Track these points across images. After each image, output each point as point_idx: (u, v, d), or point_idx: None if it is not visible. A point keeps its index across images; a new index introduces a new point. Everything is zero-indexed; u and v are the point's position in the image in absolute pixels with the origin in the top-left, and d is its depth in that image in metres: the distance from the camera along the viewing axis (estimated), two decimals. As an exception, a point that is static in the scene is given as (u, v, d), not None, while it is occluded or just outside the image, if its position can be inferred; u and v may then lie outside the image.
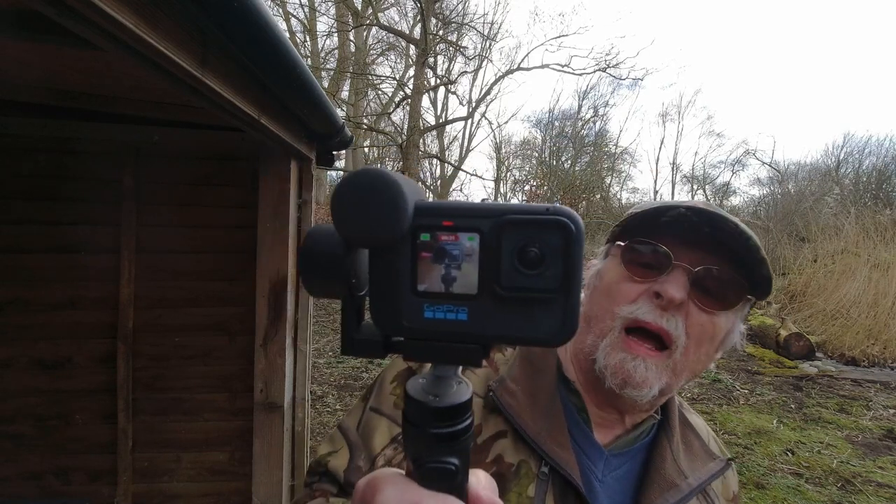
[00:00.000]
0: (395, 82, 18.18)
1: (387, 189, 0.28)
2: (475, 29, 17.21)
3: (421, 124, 15.00)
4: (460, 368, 0.33)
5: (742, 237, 0.62)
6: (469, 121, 21.28)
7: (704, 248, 0.64)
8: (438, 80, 18.18)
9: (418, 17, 13.97)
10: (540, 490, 0.61)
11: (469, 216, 0.30)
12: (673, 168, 25.33)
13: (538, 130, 25.13)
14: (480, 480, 0.32)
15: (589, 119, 24.28)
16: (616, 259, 0.69)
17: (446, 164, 21.24)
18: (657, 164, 26.32)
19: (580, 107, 24.48)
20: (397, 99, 17.21)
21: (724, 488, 0.74)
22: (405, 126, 14.92)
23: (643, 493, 0.65)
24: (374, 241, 0.29)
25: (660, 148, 32.52)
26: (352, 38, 15.75)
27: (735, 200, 24.48)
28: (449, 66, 19.44)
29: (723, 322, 0.66)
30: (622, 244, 0.68)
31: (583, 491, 0.61)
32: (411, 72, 17.05)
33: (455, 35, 17.06)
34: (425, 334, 0.30)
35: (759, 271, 0.64)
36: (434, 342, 0.31)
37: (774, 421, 4.64)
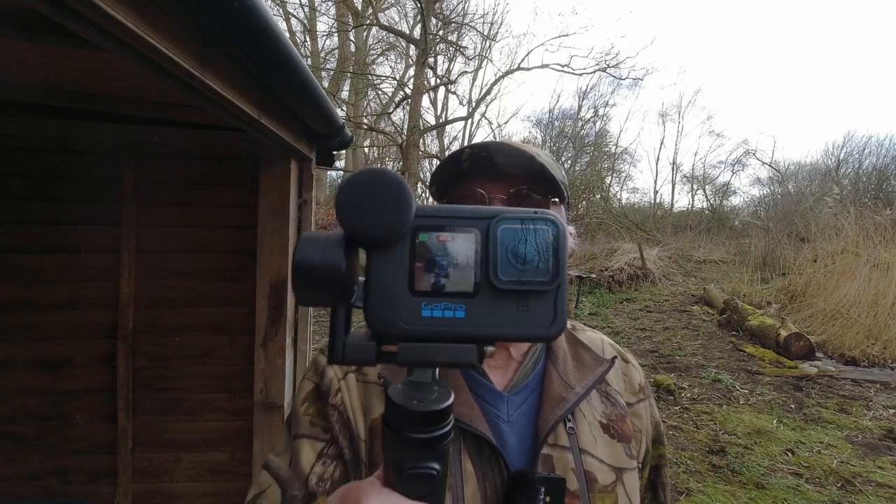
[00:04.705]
0: (395, 82, 18.19)
1: (398, 188, 0.29)
2: (475, 29, 17.21)
3: (421, 124, 14.99)
4: (437, 372, 0.33)
5: (523, 156, 0.70)
6: (469, 121, 21.26)
7: (504, 176, 0.71)
8: (438, 80, 18.18)
9: (418, 17, 13.97)
10: (454, 450, 0.65)
11: (466, 217, 0.32)
12: (673, 168, 25.31)
13: (538, 130, 25.11)
14: None
15: (589, 119, 24.28)
16: None
17: (446, 164, 21.14)
18: (657, 164, 26.39)
19: (580, 107, 24.47)
20: (397, 99, 17.20)
21: (626, 384, 0.82)
22: (405, 126, 14.91)
23: (539, 417, 0.70)
24: (379, 238, 0.30)
25: (660, 148, 32.64)
26: (352, 38, 15.74)
27: (735, 200, 24.49)
28: (449, 66, 19.44)
29: None
30: (446, 200, 0.78)
31: (490, 437, 0.66)
32: (411, 72, 17.05)
33: (455, 35, 17.06)
34: (422, 335, 0.31)
35: (545, 177, 0.72)
36: (430, 343, 0.31)
37: (774, 421, 4.63)
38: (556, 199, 0.75)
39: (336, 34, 15.92)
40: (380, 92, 18.51)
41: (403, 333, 0.31)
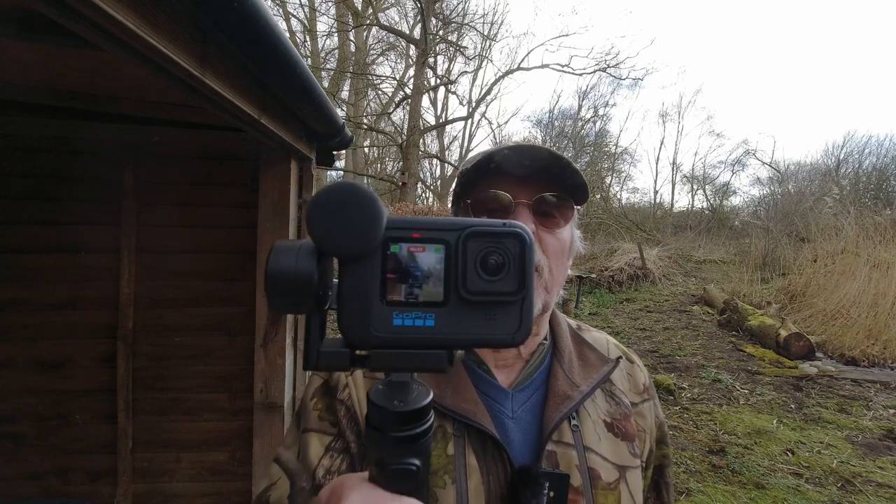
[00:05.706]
0: (395, 82, 18.19)
1: (368, 202, 0.30)
2: (475, 29, 17.21)
3: (421, 124, 15.00)
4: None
5: (556, 160, 0.70)
6: (469, 121, 21.28)
7: (532, 179, 0.71)
8: (438, 80, 18.19)
9: (418, 17, 13.97)
10: (458, 445, 0.67)
11: (435, 229, 0.33)
12: (673, 168, 25.29)
13: (538, 130, 25.09)
14: None
15: (589, 119, 24.28)
16: (469, 214, 0.76)
17: (446, 164, 21.24)
18: (657, 164, 26.34)
19: (580, 107, 24.48)
20: (397, 99, 17.21)
21: (631, 385, 0.82)
22: (405, 126, 14.92)
23: (545, 414, 0.71)
24: (351, 250, 0.31)
25: (660, 148, 32.61)
26: (352, 38, 15.74)
27: (735, 200, 24.48)
28: (449, 66, 19.45)
29: (566, 235, 0.75)
30: (469, 200, 0.76)
31: (493, 432, 0.67)
32: (411, 72, 17.05)
33: (455, 35, 17.06)
34: (393, 342, 0.32)
35: (574, 181, 0.72)
36: (401, 350, 0.32)
37: (774, 421, 4.63)
38: (578, 206, 0.75)
39: (336, 34, 15.92)
40: (380, 92, 18.52)
41: (376, 341, 0.32)
